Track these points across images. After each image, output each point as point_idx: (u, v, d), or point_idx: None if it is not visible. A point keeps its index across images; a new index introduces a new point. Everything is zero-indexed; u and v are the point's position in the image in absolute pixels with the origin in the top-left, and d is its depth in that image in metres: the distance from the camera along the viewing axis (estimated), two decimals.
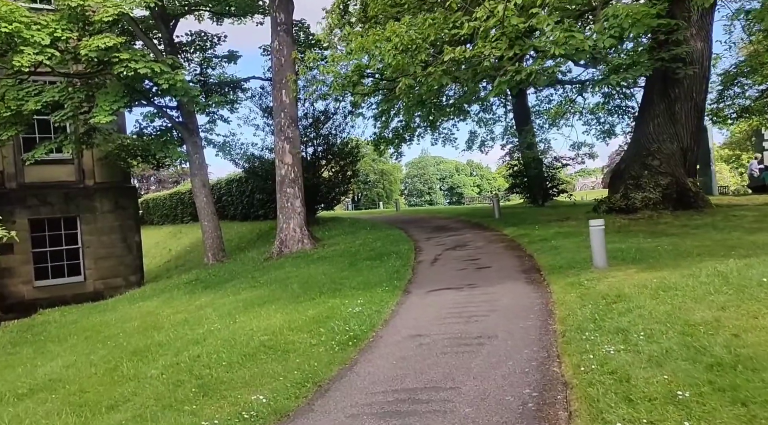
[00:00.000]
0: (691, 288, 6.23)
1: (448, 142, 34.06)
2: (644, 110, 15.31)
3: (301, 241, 16.56)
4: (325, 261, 14.19)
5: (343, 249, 15.51)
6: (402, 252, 13.61)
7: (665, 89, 14.75)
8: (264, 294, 11.40)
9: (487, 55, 9.61)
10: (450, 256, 12.57)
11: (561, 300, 7.26)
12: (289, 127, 16.55)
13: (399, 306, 8.49)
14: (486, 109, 35.01)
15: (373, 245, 15.22)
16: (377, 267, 11.98)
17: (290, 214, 16.60)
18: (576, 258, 9.72)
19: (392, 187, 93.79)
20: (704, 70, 14.66)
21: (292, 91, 14.56)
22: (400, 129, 30.51)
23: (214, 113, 23.25)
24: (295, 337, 7.44)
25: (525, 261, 10.77)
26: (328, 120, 23.96)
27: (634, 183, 14.53)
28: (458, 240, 14.85)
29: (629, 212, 14.14)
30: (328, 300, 9.28)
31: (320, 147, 23.86)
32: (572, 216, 16.00)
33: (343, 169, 24.42)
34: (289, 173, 16.58)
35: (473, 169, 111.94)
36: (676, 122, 14.61)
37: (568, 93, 34.20)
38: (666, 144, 14.54)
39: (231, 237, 27.88)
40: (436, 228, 18.37)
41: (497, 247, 12.99)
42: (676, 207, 14.17)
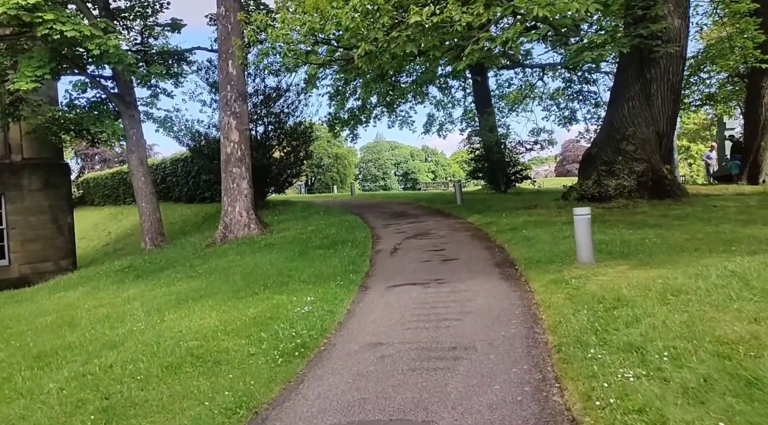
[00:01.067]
0: (706, 292, 5.24)
1: (405, 125, 32.97)
2: (618, 91, 14.46)
3: (247, 226, 15.12)
4: (272, 248, 12.83)
5: (293, 235, 14.17)
6: (358, 240, 12.40)
7: (641, 69, 13.91)
8: (201, 286, 10.01)
9: (457, 20, 8.40)
10: (411, 246, 11.43)
11: (546, 302, 6.19)
12: (236, 102, 15.01)
13: (355, 305, 7.28)
14: (445, 92, 34.10)
15: (327, 232, 13.94)
16: (330, 257, 10.73)
17: (236, 196, 15.12)
18: (554, 250, 8.71)
19: (346, 172, 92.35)
20: (681, 50, 13.88)
21: (238, 58, 13.01)
22: (356, 109, 29.17)
23: (156, 86, 21.31)
24: (230, 343, 6.14)
25: (496, 253, 9.71)
26: (280, 97, 22.39)
27: (607, 169, 13.69)
28: (419, 228, 13.73)
29: (602, 200, 13.30)
30: (274, 296, 7.99)
31: (271, 126, 22.28)
32: (540, 203, 15.09)
33: (295, 150, 22.92)
34: (235, 151, 15.06)
35: (428, 154, 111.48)
36: (651, 105, 13.81)
37: (528, 77, 33.59)
38: (641, 128, 13.74)
39: (174, 220, 26.09)
40: (394, 215, 17.21)
41: (463, 236, 11.92)
42: (652, 195, 13.41)
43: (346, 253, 10.92)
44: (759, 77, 19.21)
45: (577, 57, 13.13)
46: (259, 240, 14.28)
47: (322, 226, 14.90)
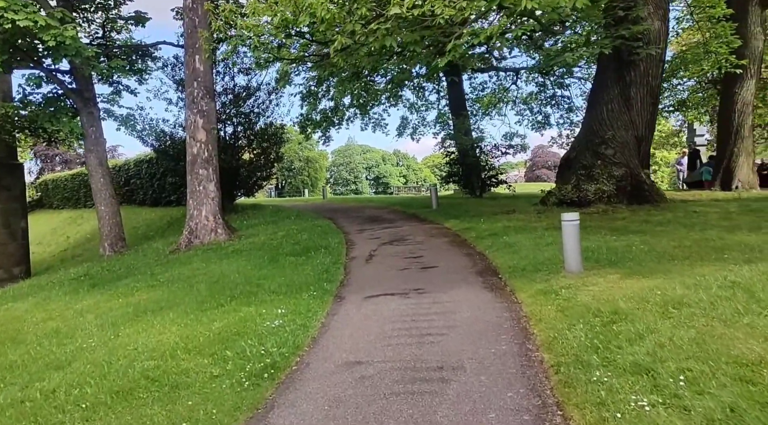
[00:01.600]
0: (710, 305, 4.86)
1: (378, 128, 32.56)
2: (597, 94, 14.22)
3: (214, 231, 14.42)
4: (241, 255, 12.19)
5: (263, 241, 13.54)
6: (332, 246, 11.84)
7: (620, 72, 13.69)
8: (162, 296, 9.33)
9: (439, 13, 7.95)
10: (388, 252, 10.92)
11: (536, 315, 5.75)
12: (203, 99, 14.31)
13: (330, 317, 6.73)
14: (419, 95, 33.79)
15: (298, 237, 13.35)
16: (303, 265, 10.15)
17: (202, 199, 14.40)
18: (539, 258, 8.31)
19: (318, 175, 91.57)
20: (661, 53, 13.72)
21: (205, 51, 12.30)
22: (328, 111, 28.59)
23: (118, 83, 20.42)
24: (191, 363, 5.53)
25: (477, 261, 9.27)
26: (250, 97, 21.70)
27: (586, 173, 13.41)
28: (395, 234, 13.23)
29: (582, 205, 13.01)
30: (241, 309, 7.39)
31: (240, 126, 21.56)
32: (518, 208, 14.75)
33: (265, 152, 22.24)
34: (202, 152, 14.35)
35: (400, 159, 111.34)
36: (630, 108, 13.60)
37: (502, 81, 33.50)
38: (620, 131, 13.51)
39: (138, 224, 25.14)
40: (368, 219, 16.69)
41: (441, 242, 11.46)
42: (631, 201, 13.19)
43: (319, 261, 10.36)
44: (732, 83, 19.29)
45: (558, 58, 12.85)
46: (227, 246, 13.60)
47: (294, 231, 14.30)
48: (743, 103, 19.38)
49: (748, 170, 19.67)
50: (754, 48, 18.91)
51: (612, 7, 12.21)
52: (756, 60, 19.10)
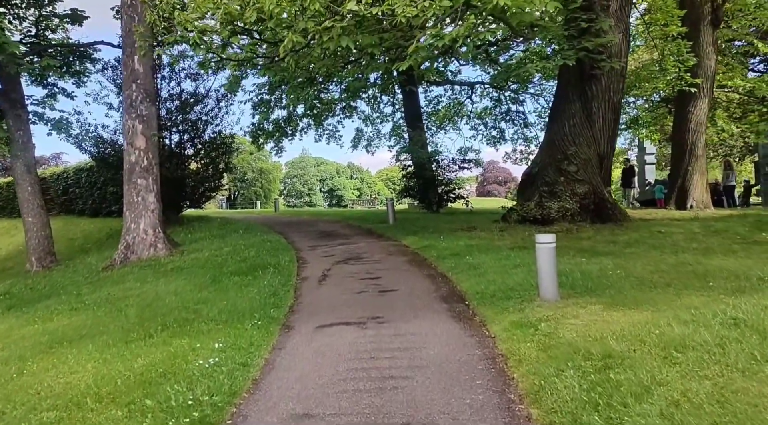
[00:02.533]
0: (719, 349, 4.22)
1: (333, 139, 31.75)
2: (559, 108, 13.82)
3: (153, 246, 13.23)
4: (181, 273, 11.10)
5: (206, 257, 12.46)
6: (281, 264, 10.89)
7: (582, 86, 13.32)
8: (85, 322, 8.21)
9: (399, 12, 7.23)
10: (343, 272, 10.06)
11: (515, 354, 5.01)
12: (142, 103, 13.16)
13: (276, 353, 5.81)
14: (374, 107, 33.18)
15: (245, 254, 12.33)
16: (248, 286, 9.17)
17: (141, 212, 13.21)
18: (508, 282, 7.61)
19: (271, 186, 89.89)
20: (622, 67, 13.43)
21: (140, 48, 11.13)
22: (281, 121, 27.60)
23: (53, 85, 18.99)
24: (100, 417, 4.53)
25: (440, 284, 8.51)
26: (197, 103, 20.51)
27: (549, 190, 12.92)
28: (350, 251, 12.38)
29: (545, 223, 12.50)
30: (172, 341, 6.38)
31: (187, 134, 20.33)
32: (478, 225, 14.15)
33: (214, 162, 21.04)
34: (140, 160, 13.18)
35: (354, 171, 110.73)
36: (593, 124, 13.23)
37: (457, 95, 33.27)
38: (583, 148, 13.11)
39: (75, 236, 23.47)
40: (321, 235, 15.78)
41: (400, 262, 10.68)
42: (594, 219, 12.76)
43: (266, 281, 9.40)
44: (685, 102, 19.39)
45: (520, 69, 12.36)
46: (167, 262, 12.45)
47: (241, 247, 13.26)
48: (697, 122, 19.49)
49: (702, 189, 19.75)
50: (706, 67, 19.05)
51: (574, 18, 11.83)
52: (708, 79, 19.25)
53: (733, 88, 22.35)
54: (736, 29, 20.88)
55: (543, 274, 6.51)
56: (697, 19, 18.82)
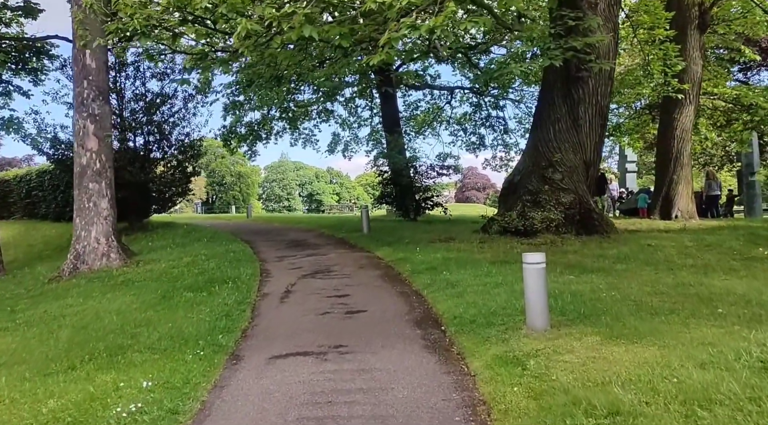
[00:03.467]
0: (753, 405, 3.40)
1: (309, 144, 30.84)
2: (543, 113, 13.07)
3: (106, 255, 12.17)
4: (130, 288, 10.08)
5: (162, 269, 11.44)
6: (242, 278, 9.94)
7: (568, 89, 12.59)
8: (9, 346, 7.21)
9: None
10: (308, 288, 9.14)
11: (499, 402, 4.14)
12: (94, 101, 12.13)
13: (216, 394, 4.88)
14: (351, 111, 32.32)
15: (205, 266, 11.35)
16: (201, 304, 8.22)
17: (92, 218, 12.15)
18: (490, 305, 6.76)
19: (249, 191, 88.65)
20: (610, 70, 12.73)
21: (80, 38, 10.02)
22: (254, 124, 26.56)
23: (8, 83, 17.82)
24: None
25: (415, 304, 7.64)
26: (163, 103, 19.45)
27: (532, 199, 12.16)
28: (319, 263, 11.47)
29: (527, 235, 11.72)
30: (96, 375, 5.41)
31: (152, 136, 19.26)
32: (457, 235, 13.34)
33: (181, 165, 19.98)
34: (92, 162, 12.13)
35: (333, 176, 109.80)
36: (579, 129, 12.51)
37: (436, 99, 32.56)
38: (568, 154, 12.38)
39: (35, 241, 22.19)
40: (291, 244, 14.83)
41: (371, 277, 9.79)
42: (579, 230, 12.02)
43: (222, 299, 8.45)
44: (670, 109, 18.85)
45: (502, 69, 11.60)
46: (118, 274, 11.41)
47: (202, 258, 12.27)
48: (683, 130, 18.96)
49: (687, 199, 19.22)
50: (693, 73, 18.54)
51: (561, 16, 11.11)
52: (695, 85, 18.76)
53: (719, 96, 21.93)
54: (723, 34, 20.45)
55: (531, 299, 5.67)
56: (684, 24, 18.29)
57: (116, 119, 18.83)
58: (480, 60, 27.14)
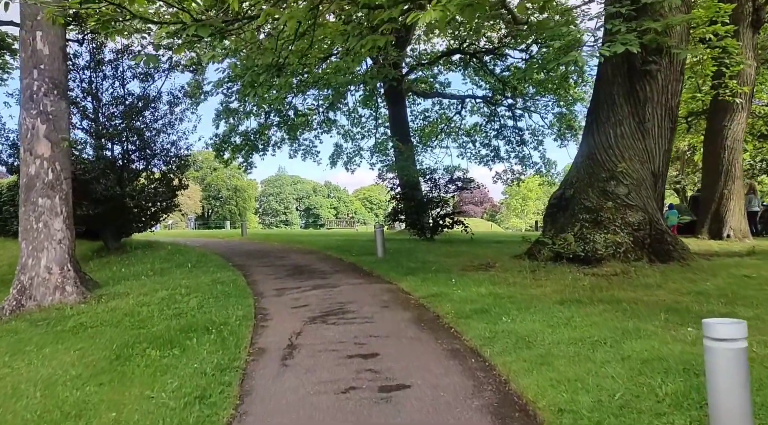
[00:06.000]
0: None
1: (309, 156, 28.56)
2: (601, 114, 10.73)
3: (59, 289, 9.70)
4: (81, 337, 7.61)
5: (129, 308, 8.96)
6: (230, 324, 7.51)
7: (631, 84, 10.30)
8: None
9: None
10: (319, 340, 6.69)
11: None
12: (47, 95, 9.74)
13: None
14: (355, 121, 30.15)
15: (183, 303, 8.90)
16: (169, 372, 5.76)
17: (42, 242, 9.70)
18: (608, 387, 4.33)
19: (246, 205, 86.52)
20: (681, 62, 10.44)
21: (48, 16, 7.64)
22: (251, 133, 24.24)
23: None
24: None
25: (479, 375, 5.18)
26: (146, 108, 17.09)
27: (591, 218, 9.80)
28: (330, 299, 9.02)
29: (588, 262, 9.36)
30: None
31: (132, 144, 16.87)
32: (495, 260, 10.93)
33: (166, 178, 17.56)
34: (43, 173, 9.71)
35: (331, 190, 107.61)
36: (646, 134, 10.20)
37: (445, 109, 30.40)
38: (634, 164, 10.06)
39: (1, 263, 19.58)
40: (293, 270, 12.38)
41: (402, 322, 7.34)
42: (651, 257, 9.65)
43: (199, 361, 6.01)
44: (720, 115, 16.62)
45: (560, 58, 9.27)
46: (72, 315, 8.92)
47: (181, 292, 9.80)
48: (734, 139, 16.69)
49: (740, 216, 16.92)
50: (746, 75, 16.33)
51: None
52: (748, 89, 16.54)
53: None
54: None
55: (724, 404, 3.22)
56: (736, 20, 16.05)
57: (90, 124, 16.47)
58: (496, 65, 25.00)
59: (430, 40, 25.61)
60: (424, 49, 27.23)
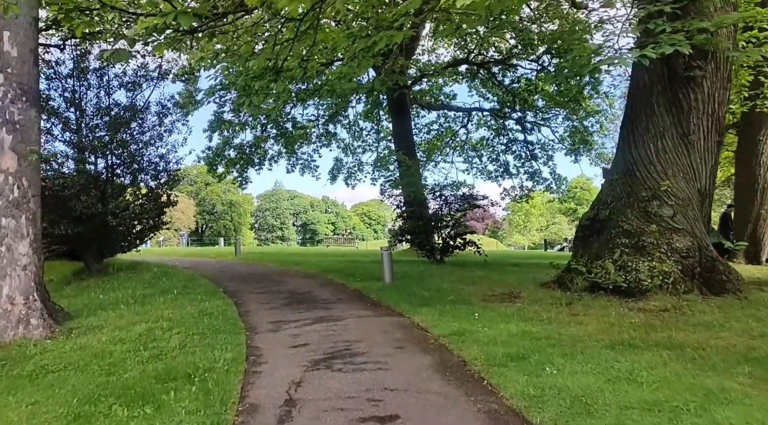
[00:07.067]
0: None
1: (308, 170, 27.51)
2: (639, 125, 9.58)
3: (23, 322, 8.45)
4: (38, 386, 6.35)
5: (101, 347, 7.71)
6: (216, 369, 6.29)
7: (673, 93, 9.18)
8: None
9: None
10: (323, 393, 5.46)
11: None
12: (14, 102, 8.56)
13: None
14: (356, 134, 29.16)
15: (164, 341, 7.65)
16: None
17: (5, 269, 8.46)
18: None
19: (241, 220, 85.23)
20: (728, 67, 9.33)
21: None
22: (246, 146, 23.11)
23: None
24: None
25: None
26: (133, 119, 15.95)
27: (632, 243, 8.63)
28: (335, 336, 7.78)
29: (631, 294, 8.15)
30: None
31: (117, 158, 15.68)
32: (520, 289, 9.72)
33: (153, 193, 16.35)
34: (8, 189, 8.50)
35: (329, 205, 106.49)
36: (691, 148, 9.06)
37: (450, 122, 29.42)
38: (679, 182, 8.91)
39: None
40: (291, 298, 11.14)
41: (422, 370, 6.10)
42: (702, 289, 8.44)
43: (176, 423, 4.77)
44: (754, 129, 15.52)
45: (582, 67, 8.15)
46: (33, 354, 7.66)
47: (163, 326, 8.55)
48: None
49: None
50: None
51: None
52: None
53: None
54: None
55: None
56: None
57: (72, 136, 15.30)
58: (505, 76, 23.98)
59: (435, 50, 24.66)
60: (428, 60, 26.32)
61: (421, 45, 23.55)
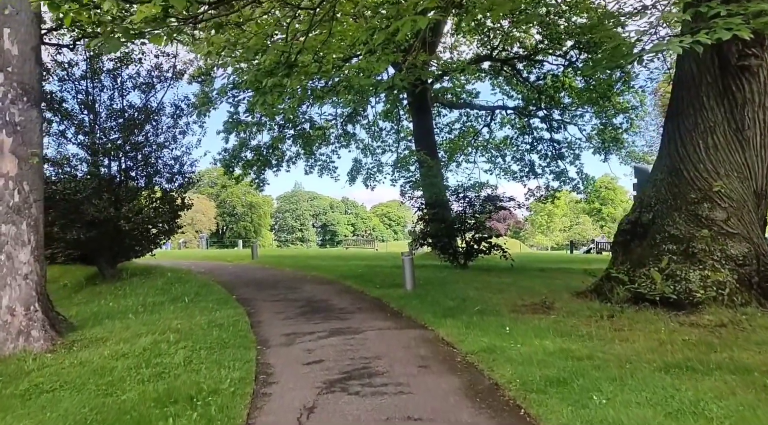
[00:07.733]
0: None
1: (326, 171, 26.96)
2: (686, 119, 8.78)
3: (24, 334, 7.97)
4: (28, 408, 5.85)
5: (101, 361, 7.18)
6: (222, 391, 5.71)
7: (725, 84, 8.38)
8: None
9: None
10: (339, 422, 4.84)
11: None
12: (15, 103, 8.10)
13: None
14: (375, 135, 28.55)
15: (169, 357, 7.10)
16: None
17: (5, 278, 8.00)
18: None
19: (261, 221, 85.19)
20: None
21: None
22: (263, 148, 22.62)
23: None
24: None
25: None
26: (147, 121, 15.52)
27: (680, 250, 7.86)
28: (352, 352, 7.15)
29: (681, 307, 7.38)
30: None
31: (131, 160, 15.26)
32: (554, 299, 8.99)
33: (168, 196, 15.90)
34: (8, 194, 8.03)
35: (348, 206, 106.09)
36: (746, 144, 8.26)
37: (473, 121, 28.65)
38: (733, 182, 8.11)
39: None
40: (306, 307, 10.53)
41: (450, 394, 5.43)
42: (761, 300, 7.62)
43: None
44: None
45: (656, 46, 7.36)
46: (30, 370, 7.16)
47: (169, 338, 8.01)
48: None
49: None
50: None
51: None
52: None
53: None
54: None
55: None
56: None
57: (85, 139, 14.92)
58: (530, 73, 23.15)
59: (457, 47, 23.93)
60: (450, 58, 25.60)
61: (442, 42, 22.86)
